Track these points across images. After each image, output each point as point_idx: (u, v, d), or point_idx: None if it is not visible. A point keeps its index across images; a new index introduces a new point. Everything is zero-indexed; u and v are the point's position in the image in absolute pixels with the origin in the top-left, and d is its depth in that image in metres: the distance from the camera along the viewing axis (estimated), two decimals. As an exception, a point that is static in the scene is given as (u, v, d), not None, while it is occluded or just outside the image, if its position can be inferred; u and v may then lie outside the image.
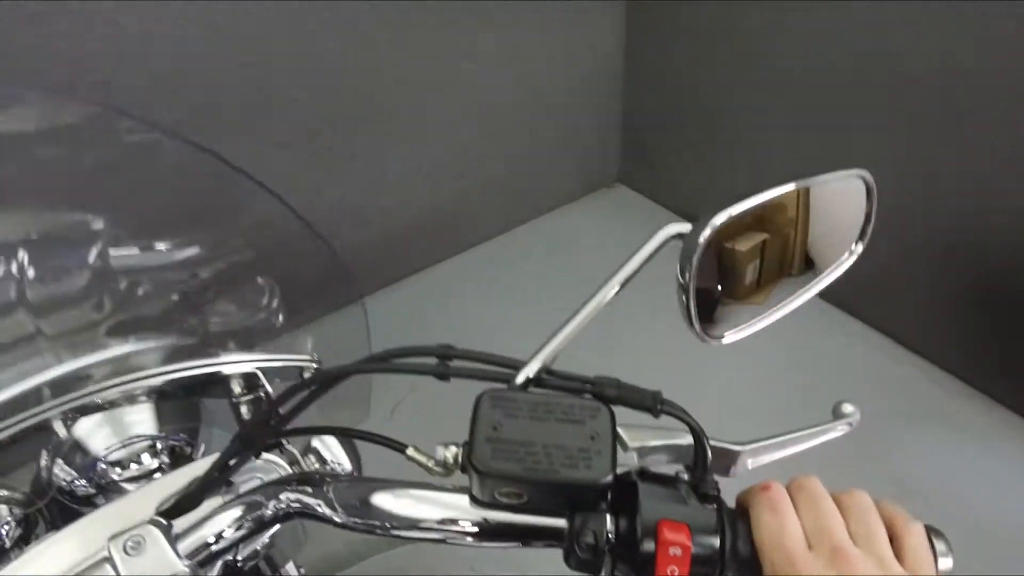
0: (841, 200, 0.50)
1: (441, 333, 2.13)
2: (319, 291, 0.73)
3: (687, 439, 0.49)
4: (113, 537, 0.50)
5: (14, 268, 0.66)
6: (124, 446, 0.72)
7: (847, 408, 0.56)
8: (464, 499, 0.48)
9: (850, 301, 2.28)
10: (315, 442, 0.84)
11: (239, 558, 0.62)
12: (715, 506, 0.46)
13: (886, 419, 2.04)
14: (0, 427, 0.55)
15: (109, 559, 0.49)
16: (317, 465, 0.85)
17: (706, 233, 0.46)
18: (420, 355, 0.53)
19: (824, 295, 0.52)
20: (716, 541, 0.45)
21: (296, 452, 0.73)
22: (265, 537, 0.62)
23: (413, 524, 0.48)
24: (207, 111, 1.72)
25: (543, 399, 0.47)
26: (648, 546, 0.44)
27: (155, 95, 1.63)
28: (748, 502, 0.47)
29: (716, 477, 0.49)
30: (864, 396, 1.25)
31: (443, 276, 2.61)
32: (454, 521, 0.47)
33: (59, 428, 0.60)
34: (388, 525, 0.48)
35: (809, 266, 0.52)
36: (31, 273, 0.66)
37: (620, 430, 0.48)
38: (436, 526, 0.48)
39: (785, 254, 0.51)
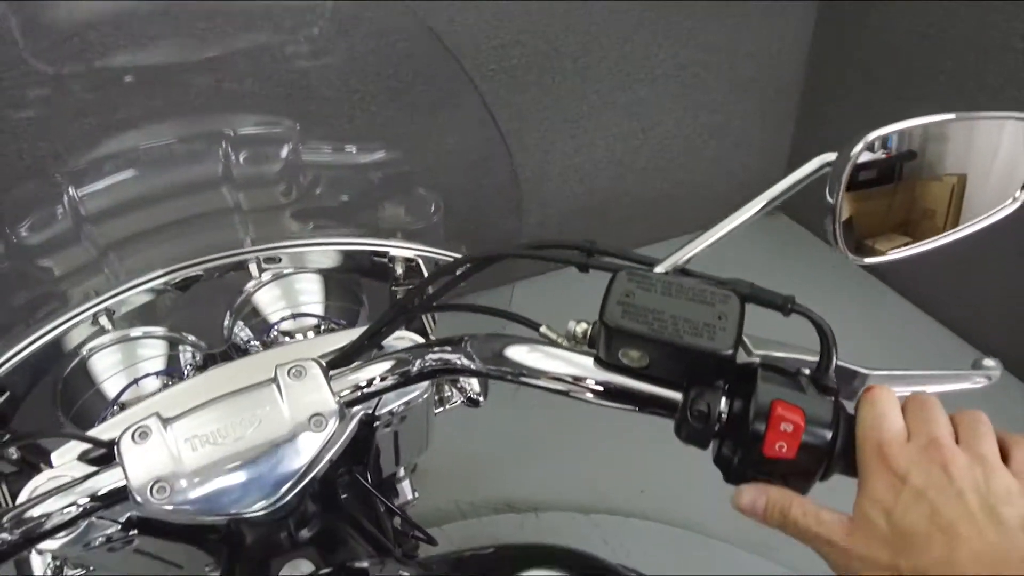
0: (1002, 142, 0.50)
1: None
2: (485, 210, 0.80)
3: (810, 355, 0.51)
4: (280, 365, 0.58)
5: (221, 153, 0.78)
6: (294, 317, 0.82)
7: (988, 362, 0.55)
8: (590, 360, 0.52)
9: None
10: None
11: (377, 413, 0.68)
12: (832, 399, 0.47)
13: None
14: (205, 260, 0.65)
15: (275, 380, 0.57)
16: (448, 386, 0.92)
17: (856, 149, 0.48)
18: (563, 248, 0.58)
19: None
20: (828, 433, 0.46)
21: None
22: (402, 401, 0.69)
23: (541, 374, 0.53)
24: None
25: (677, 280, 0.50)
26: (759, 425, 0.46)
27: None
28: (857, 405, 0.48)
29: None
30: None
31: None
32: (578, 378, 0.52)
33: (253, 270, 0.69)
34: (518, 373, 0.53)
35: (962, 205, 0.52)
36: (236, 158, 0.78)
37: (746, 338, 0.50)
38: (561, 379, 0.52)
39: (937, 189, 0.51)
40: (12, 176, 0.68)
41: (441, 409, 0.91)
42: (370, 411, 0.68)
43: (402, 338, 0.71)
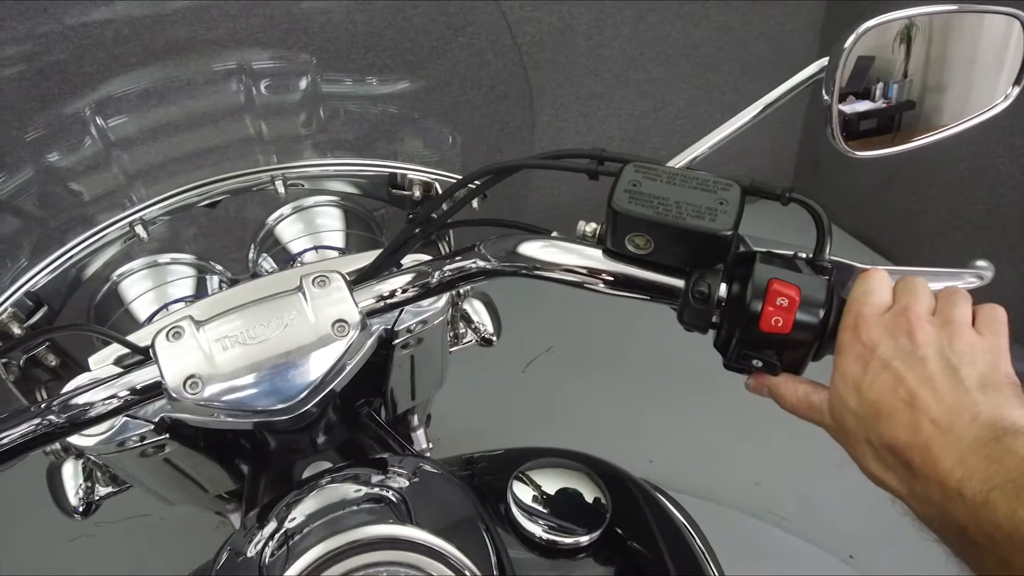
0: (996, 38, 0.52)
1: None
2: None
3: (808, 251, 0.53)
4: (306, 274, 0.61)
5: (242, 85, 0.81)
6: (316, 250, 0.85)
7: (981, 263, 0.57)
8: (599, 252, 0.54)
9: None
10: (465, 304, 0.94)
11: (396, 329, 0.71)
12: (827, 279, 0.49)
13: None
14: (230, 175, 0.69)
15: (300, 289, 0.60)
16: (463, 324, 0.95)
17: (848, 42, 0.51)
18: (576, 157, 0.60)
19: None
20: (821, 310, 0.48)
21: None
22: (419, 319, 0.71)
23: (553, 267, 0.55)
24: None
25: (681, 172, 0.53)
26: (756, 303, 0.48)
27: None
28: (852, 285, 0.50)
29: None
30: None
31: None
32: (588, 268, 0.54)
33: (279, 187, 0.72)
34: (532, 267, 0.56)
35: (955, 101, 0.54)
36: (257, 89, 0.81)
37: (747, 237, 0.53)
38: (573, 271, 0.55)
39: (931, 83, 0.53)
40: (41, 99, 0.72)
41: (457, 347, 0.94)
42: (389, 327, 0.71)
43: (420, 260, 0.74)
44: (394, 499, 0.55)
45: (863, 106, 0.60)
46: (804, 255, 0.51)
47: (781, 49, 2.44)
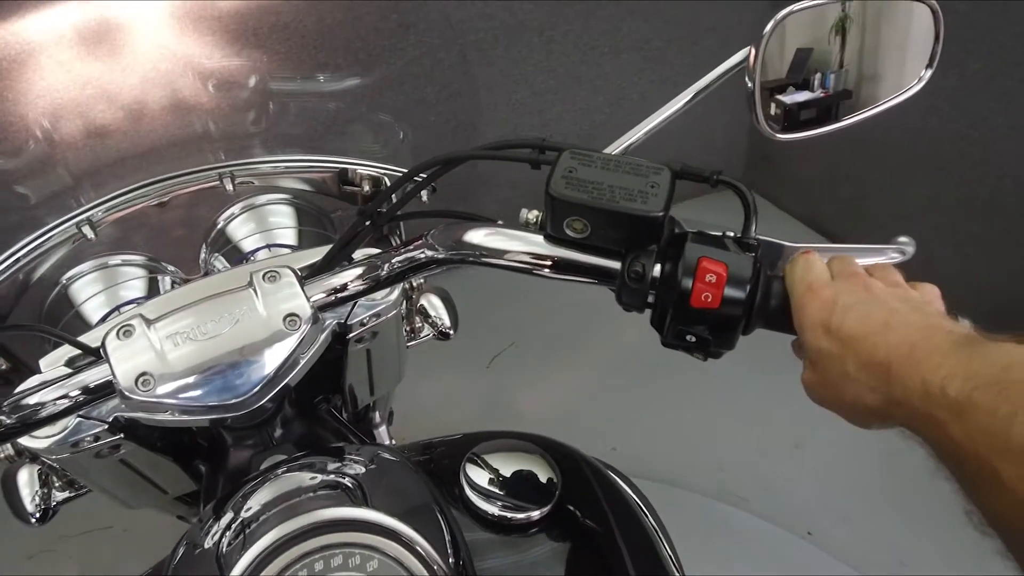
0: (909, 23, 0.55)
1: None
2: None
3: (737, 232, 0.56)
4: (255, 270, 0.62)
5: (191, 83, 0.81)
6: (268, 248, 0.86)
7: (903, 239, 0.60)
8: (540, 238, 0.56)
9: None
10: (422, 300, 0.95)
11: (349, 323, 0.72)
12: (753, 256, 0.52)
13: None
14: (180, 173, 0.69)
15: (251, 284, 0.61)
16: (420, 319, 0.96)
17: (767, 29, 0.53)
18: (518, 147, 0.62)
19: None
20: (748, 284, 0.51)
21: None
22: (372, 312, 0.72)
23: (498, 253, 0.57)
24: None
25: (615, 158, 0.55)
26: (687, 280, 0.51)
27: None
28: (787, 266, 0.53)
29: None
30: None
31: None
32: (531, 254, 0.56)
33: (227, 184, 0.73)
34: (479, 255, 0.58)
35: (873, 86, 0.57)
36: (206, 86, 0.81)
37: (680, 220, 0.55)
38: (517, 257, 0.57)
39: (865, 72, 0.56)
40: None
41: (414, 342, 0.95)
42: (342, 321, 0.71)
43: (371, 254, 0.75)
44: (350, 484, 0.56)
45: (803, 96, 0.63)
46: (732, 234, 0.54)
47: (729, 42, 2.49)
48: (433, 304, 0.96)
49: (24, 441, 0.64)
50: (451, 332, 0.96)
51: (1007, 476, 0.38)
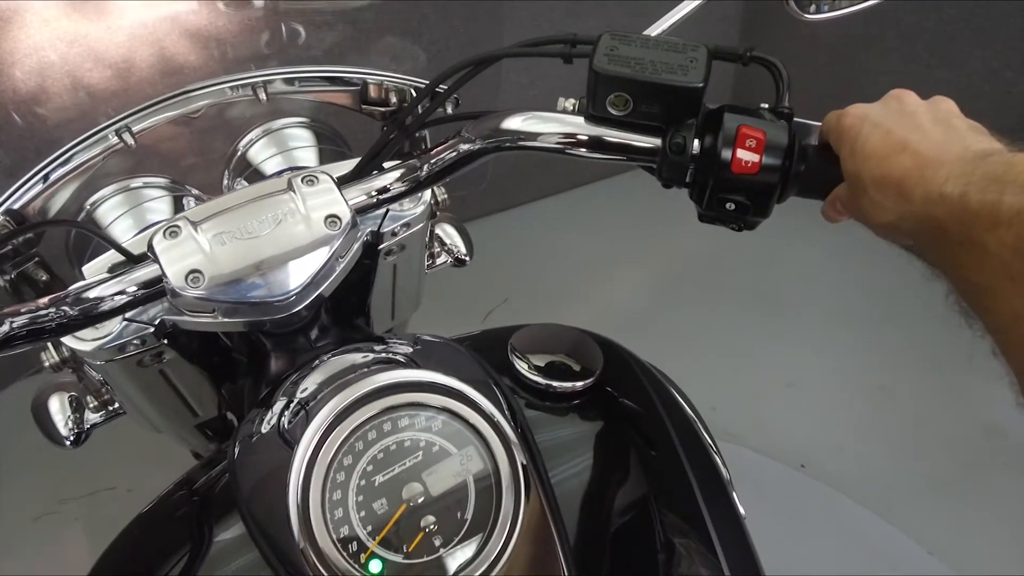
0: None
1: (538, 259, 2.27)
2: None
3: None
4: (293, 175, 0.63)
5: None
6: (291, 169, 0.87)
7: None
8: (580, 119, 0.58)
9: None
10: (438, 229, 0.97)
11: (381, 231, 0.73)
12: (787, 124, 0.55)
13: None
14: (218, 81, 0.70)
15: (290, 187, 0.62)
16: (437, 246, 0.98)
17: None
18: (551, 43, 0.64)
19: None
20: (784, 150, 0.54)
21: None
22: (402, 222, 0.73)
23: (537, 136, 0.59)
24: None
25: (653, 38, 0.57)
26: (727, 150, 0.53)
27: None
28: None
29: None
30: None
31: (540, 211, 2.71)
32: (570, 135, 0.58)
33: (260, 94, 0.74)
34: (517, 139, 0.59)
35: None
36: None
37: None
38: (556, 139, 0.59)
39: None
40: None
41: (433, 268, 0.97)
42: (374, 230, 0.73)
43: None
44: (402, 360, 0.58)
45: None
46: (766, 105, 0.56)
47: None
48: (448, 233, 0.98)
49: (72, 343, 0.65)
50: (467, 259, 0.98)
51: (992, 244, 0.41)
